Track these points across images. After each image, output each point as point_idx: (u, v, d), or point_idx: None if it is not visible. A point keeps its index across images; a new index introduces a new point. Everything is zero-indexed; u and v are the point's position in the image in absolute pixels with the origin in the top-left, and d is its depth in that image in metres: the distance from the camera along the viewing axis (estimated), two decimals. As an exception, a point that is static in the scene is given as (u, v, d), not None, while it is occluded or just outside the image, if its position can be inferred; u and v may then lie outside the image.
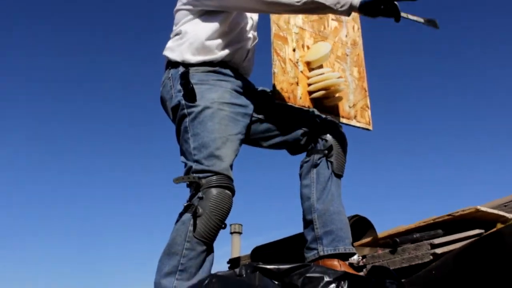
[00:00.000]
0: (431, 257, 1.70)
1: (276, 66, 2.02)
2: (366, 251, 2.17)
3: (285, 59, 2.06)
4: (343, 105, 2.20)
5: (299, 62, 2.12)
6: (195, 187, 1.83)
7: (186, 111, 1.92)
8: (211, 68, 1.97)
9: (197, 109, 1.90)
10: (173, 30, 2.08)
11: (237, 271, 1.45)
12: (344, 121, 2.18)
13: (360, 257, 2.01)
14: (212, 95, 1.92)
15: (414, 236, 1.82)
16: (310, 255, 1.93)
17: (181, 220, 1.81)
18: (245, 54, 2.08)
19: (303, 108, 2.07)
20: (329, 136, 2.03)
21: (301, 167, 2.06)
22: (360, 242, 2.12)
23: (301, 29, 2.19)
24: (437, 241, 1.76)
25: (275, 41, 2.05)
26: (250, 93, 2.08)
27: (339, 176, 2.03)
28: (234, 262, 2.76)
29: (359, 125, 2.24)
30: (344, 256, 1.90)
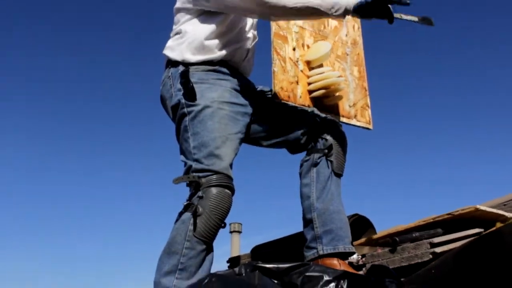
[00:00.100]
0: (430, 256, 1.71)
1: (276, 65, 2.02)
2: (365, 250, 2.17)
3: (285, 58, 2.06)
4: (343, 104, 2.20)
5: (299, 61, 2.12)
6: (195, 186, 1.82)
7: (186, 110, 1.91)
8: (211, 67, 1.97)
9: (197, 108, 1.90)
10: (173, 29, 2.08)
11: (236, 270, 1.45)
12: (344, 120, 2.18)
13: (360, 256, 2.01)
14: (212, 94, 1.92)
15: (414, 235, 1.82)
16: (309, 254, 1.93)
17: (181, 219, 1.81)
18: (245, 53, 2.08)
19: (303, 107, 2.07)
20: (329, 135, 2.03)
21: (301, 166, 2.06)
22: (359, 241, 2.12)
23: (301, 28, 2.19)
24: (436, 240, 1.76)
25: (275, 40, 2.05)
26: (250, 92, 2.08)
27: (339, 175, 2.03)
28: (233, 261, 2.76)
29: (359, 124, 2.24)
30: (344, 255, 1.91)
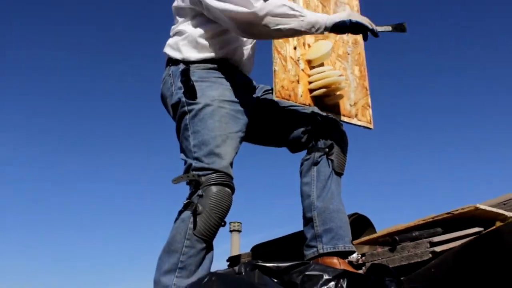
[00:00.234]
0: (430, 255, 1.71)
1: (277, 64, 2.01)
2: (365, 249, 2.17)
3: (286, 57, 2.06)
4: (344, 104, 2.20)
5: (300, 60, 2.12)
6: (194, 185, 1.82)
7: (186, 108, 1.91)
8: (211, 66, 1.97)
9: (197, 107, 1.90)
10: (173, 28, 2.07)
11: (236, 269, 1.45)
12: (345, 119, 2.18)
13: (360, 255, 2.01)
14: (212, 93, 1.92)
15: (413, 234, 1.82)
16: (309, 253, 1.93)
17: (180, 218, 1.81)
18: (245, 51, 2.08)
19: (304, 106, 2.07)
20: (329, 134, 2.03)
21: (301, 165, 2.06)
22: (359, 240, 2.12)
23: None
24: (436, 239, 1.77)
25: (275, 39, 2.05)
26: (250, 91, 2.08)
27: (339, 174, 2.03)
28: (233, 260, 2.76)
29: (360, 123, 2.24)
30: (344, 254, 1.91)
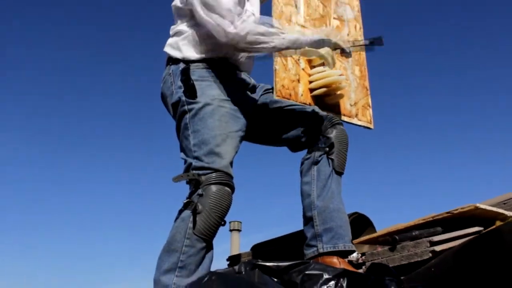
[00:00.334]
0: (430, 255, 1.71)
1: (278, 63, 2.01)
2: (365, 248, 2.17)
3: (286, 56, 2.05)
4: (344, 103, 2.20)
5: (301, 59, 2.12)
6: (194, 184, 1.83)
7: (186, 107, 1.92)
8: (211, 65, 1.97)
9: (197, 106, 1.90)
10: (173, 27, 2.07)
11: (236, 268, 1.45)
12: (345, 119, 2.18)
13: (360, 254, 2.01)
14: (212, 92, 1.92)
15: (413, 234, 1.82)
16: (309, 252, 1.93)
17: (180, 217, 1.82)
18: None
19: (305, 105, 2.07)
20: (330, 133, 2.03)
21: (301, 164, 2.06)
22: (359, 239, 2.12)
23: (303, 27, 2.19)
24: (436, 238, 1.76)
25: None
26: (251, 90, 2.09)
27: (339, 174, 2.03)
28: (233, 259, 2.76)
29: (360, 123, 2.24)
30: (344, 254, 1.90)
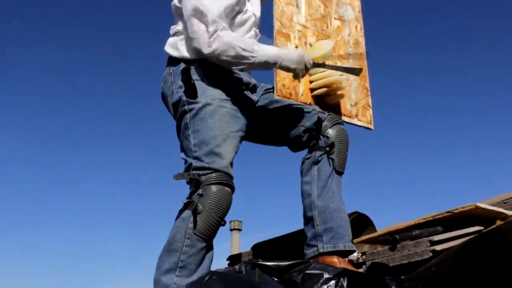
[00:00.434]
0: (430, 254, 1.71)
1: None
2: (365, 248, 2.17)
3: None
4: (344, 103, 2.20)
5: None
6: (195, 184, 1.83)
7: (187, 107, 1.92)
8: (212, 65, 1.97)
9: (198, 106, 1.90)
10: (173, 27, 2.07)
11: (236, 267, 1.45)
12: (346, 119, 2.18)
13: (360, 254, 2.02)
14: (213, 92, 1.92)
15: (414, 233, 1.82)
16: (309, 252, 1.93)
17: (181, 217, 1.82)
18: None
19: (305, 105, 2.07)
20: (330, 133, 2.02)
21: (302, 163, 2.06)
22: (359, 239, 2.12)
23: (304, 27, 2.19)
24: (436, 238, 1.77)
25: (277, 38, 2.05)
26: (251, 90, 2.09)
27: (340, 173, 2.02)
28: (233, 258, 2.77)
29: (360, 123, 2.24)
30: (344, 253, 1.90)
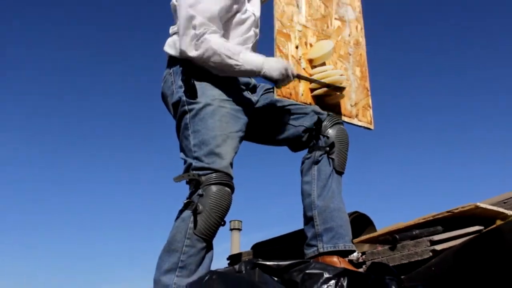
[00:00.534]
0: (430, 254, 1.71)
1: (278, 62, 2.01)
2: (365, 247, 2.17)
3: (287, 55, 2.05)
4: (344, 104, 2.20)
5: (302, 59, 2.12)
6: (195, 185, 1.83)
7: (187, 107, 1.92)
8: None
9: (198, 106, 1.90)
10: (173, 27, 2.07)
11: (236, 267, 1.45)
12: (346, 119, 2.17)
13: (360, 253, 2.02)
14: (213, 92, 1.92)
15: (414, 233, 1.82)
16: (309, 251, 1.93)
17: (181, 217, 1.82)
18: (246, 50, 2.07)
19: (305, 105, 2.07)
20: (330, 133, 2.02)
21: (302, 163, 2.06)
22: (359, 238, 2.12)
23: (304, 27, 2.19)
24: (436, 237, 1.77)
25: (278, 38, 2.04)
26: (251, 90, 2.09)
27: (340, 173, 2.03)
28: (233, 258, 2.77)
29: (360, 124, 2.24)
30: (344, 253, 1.90)
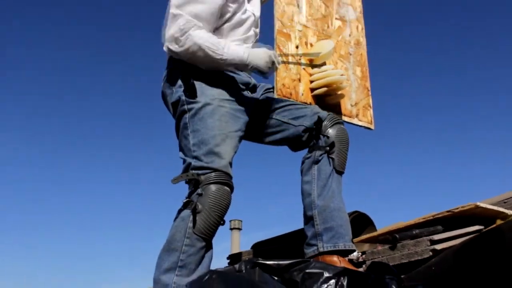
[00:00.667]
0: (430, 253, 1.71)
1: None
2: (365, 247, 2.17)
3: (287, 55, 2.05)
4: (345, 103, 2.20)
5: (302, 59, 2.11)
6: (194, 184, 1.83)
7: (186, 107, 1.92)
8: None
9: (197, 106, 1.90)
10: None
11: (236, 267, 1.45)
12: (346, 119, 2.17)
13: (360, 253, 2.01)
14: (212, 91, 1.92)
15: (414, 232, 1.83)
16: (309, 251, 1.93)
17: (180, 217, 1.82)
18: None
19: (305, 105, 2.07)
20: (331, 132, 2.02)
21: (302, 163, 2.06)
22: (360, 238, 2.12)
23: (305, 26, 2.19)
24: (436, 237, 1.77)
25: (278, 38, 2.04)
26: (251, 89, 2.08)
27: (340, 173, 2.02)
28: (234, 258, 2.77)
29: (360, 123, 2.24)
30: (344, 253, 1.90)
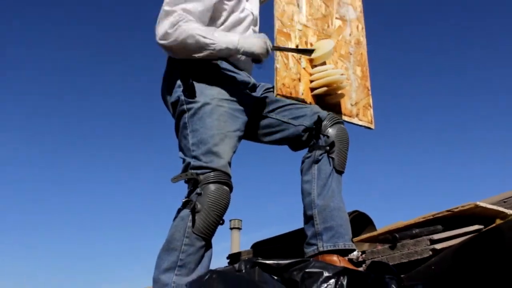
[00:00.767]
0: (430, 253, 1.71)
1: (279, 61, 2.01)
2: (365, 246, 2.17)
3: (287, 55, 2.05)
4: (345, 103, 2.20)
5: (302, 58, 2.12)
6: (193, 183, 1.83)
7: (185, 107, 1.92)
8: (211, 64, 1.97)
9: (196, 105, 1.90)
10: None
11: (236, 266, 1.45)
12: (346, 118, 2.17)
13: (360, 252, 2.02)
14: (211, 91, 1.92)
15: (414, 232, 1.83)
16: (309, 250, 1.93)
17: (179, 216, 1.82)
18: None
19: (305, 104, 2.07)
20: (331, 132, 2.02)
21: (302, 162, 2.06)
22: (359, 237, 2.12)
23: (305, 26, 2.19)
24: (436, 236, 1.77)
25: (278, 37, 2.04)
26: (251, 89, 2.08)
27: (340, 173, 2.02)
28: (233, 257, 2.77)
29: (361, 123, 2.24)
30: (344, 252, 1.90)
